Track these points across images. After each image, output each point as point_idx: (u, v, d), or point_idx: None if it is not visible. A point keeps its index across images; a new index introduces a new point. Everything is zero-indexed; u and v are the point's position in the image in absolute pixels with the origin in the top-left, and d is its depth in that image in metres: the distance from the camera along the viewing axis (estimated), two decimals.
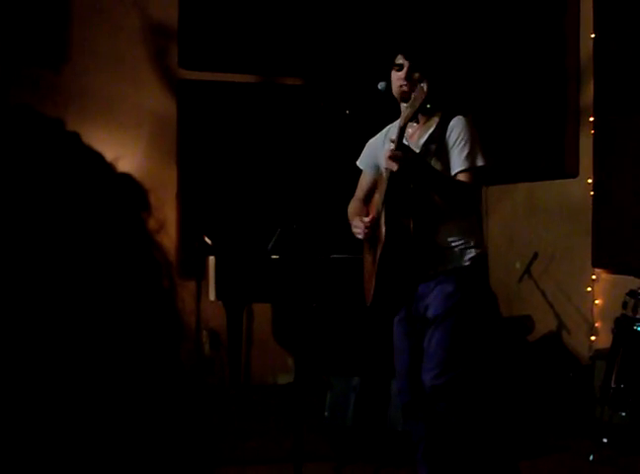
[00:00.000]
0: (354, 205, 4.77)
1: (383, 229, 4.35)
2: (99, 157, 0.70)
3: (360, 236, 4.55)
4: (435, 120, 4.47)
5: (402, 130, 4.30)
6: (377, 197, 4.52)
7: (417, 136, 4.50)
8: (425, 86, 4.32)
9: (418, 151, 4.42)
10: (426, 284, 4.43)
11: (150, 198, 0.72)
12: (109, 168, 0.70)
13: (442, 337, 4.36)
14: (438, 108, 4.49)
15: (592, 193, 6.87)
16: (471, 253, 4.41)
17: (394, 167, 4.21)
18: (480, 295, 4.50)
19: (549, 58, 7.30)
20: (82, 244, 0.63)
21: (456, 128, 4.38)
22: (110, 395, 0.63)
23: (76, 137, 0.69)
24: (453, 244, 4.41)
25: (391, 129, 4.64)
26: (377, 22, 8.26)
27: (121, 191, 0.69)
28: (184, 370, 0.70)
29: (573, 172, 7.16)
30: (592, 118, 6.89)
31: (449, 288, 4.37)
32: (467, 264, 4.40)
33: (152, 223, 0.71)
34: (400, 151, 4.22)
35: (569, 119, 7.17)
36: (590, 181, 6.91)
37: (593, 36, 6.88)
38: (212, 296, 6.66)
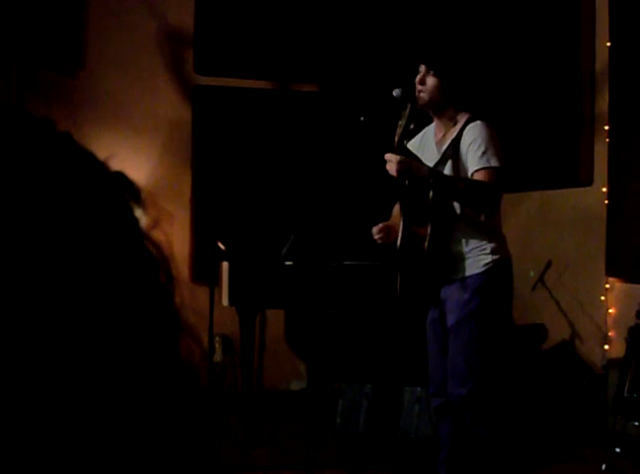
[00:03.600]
0: (396, 210, 4.74)
1: (399, 238, 4.38)
2: (90, 155, 0.70)
3: (380, 241, 4.55)
4: (458, 127, 4.48)
5: (400, 147, 4.33)
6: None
7: (442, 143, 4.52)
8: (409, 106, 4.36)
9: (439, 157, 4.46)
10: (446, 289, 4.45)
11: (143, 195, 0.72)
12: (101, 166, 0.70)
13: (461, 346, 4.37)
14: (462, 115, 4.50)
15: (606, 201, 6.85)
16: (487, 259, 4.41)
17: (393, 172, 4.25)
18: (496, 302, 4.48)
19: (564, 66, 7.29)
20: (73, 241, 0.64)
21: (470, 133, 4.39)
22: (108, 394, 0.63)
23: (67, 136, 0.70)
24: (470, 252, 4.41)
25: (427, 133, 4.66)
26: (393, 29, 8.26)
27: (114, 188, 0.70)
28: (185, 367, 0.70)
29: (587, 180, 7.14)
30: (606, 127, 6.87)
31: (465, 296, 4.38)
32: (482, 270, 4.40)
33: (147, 220, 0.72)
34: (397, 156, 4.25)
35: (584, 128, 7.16)
36: (604, 189, 6.89)
37: (608, 44, 6.87)
38: (226, 302, 6.66)
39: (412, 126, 4.43)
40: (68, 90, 7.83)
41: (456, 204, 4.42)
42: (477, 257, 4.42)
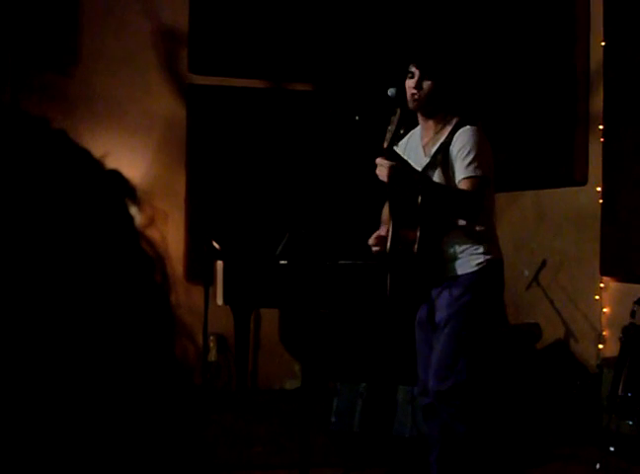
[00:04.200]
0: (385, 211, 4.76)
1: (388, 242, 4.38)
2: (86, 153, 0.70)
3: (376, 251, 4.57)
4: (447, 130, 4.49)
5: (389, 152, 4.32)
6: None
7: (430, 146, 4.53)
8: (399, 111, 4.36)
9: (429, 161, 4.46)
10: (435, 289, 4.47)
11: (138, 194, 0.72)
12: (96, 164, 0.70)
13: (445, 342, 4.39)
14: (451, 117, 4.51)
15: (600, 200, 6.86)
16: (479, 259, 4.44)
17: (384, 178, 4.25)
18: (486, 301, 4.50)
19: (559, 65, 7.29)
20: (68, 239, 0.64)
21: (460, 139, 4.40)
22: (102, 393, 0.63)
23: (62, 134, 0.69)
24: (463, 252, 4.43)
25: (412, 136, 4.66)
26: (387, 28, 8.26)
27: (110, 186, 0.69)
28: (180, 366, 0.70)
29: (582, 179, 7.15)
30: (601, 126, 6.88)
31: (454, 293, 4.40)
32: (474, 269, 4.42)
33: (142, 218, 0.71)
34: (388, 161, 4.25)
35: (578, 127, 7.17)
36: (599, 189, 6.90)
37: (603, 43, 6.88)
38: (220, 301, 6.66)
39: (402, 132, 4.43)
40: (62, 89, 7.81)
41: None
42: (470, 256, 4.44)
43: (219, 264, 6.67)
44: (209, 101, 8.22)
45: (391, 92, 4.51)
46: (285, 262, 6.46)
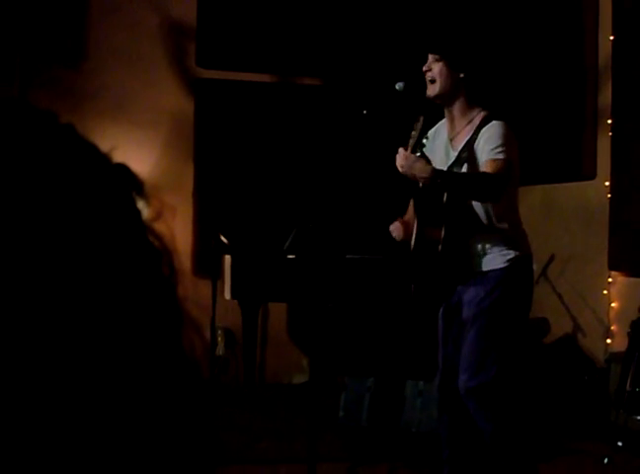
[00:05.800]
0: (411, 209, 4.73)
1: (413, 239, 4.36)
2: (93, 147, 0.70)
3: (396, 238, 4.54)
4: (473, 126, 4.44)
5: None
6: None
7: (456, 141, 4.47)
8: (422, 118, 4.33)
9: (456, 156, 4.41)
10: (462, 285, 4.42)
11: (146, 188, 0.72)
12: (104, 158, 0.70)
13: (475, 339, 4.34)
14: (478, 112, 4.46)
15: (609, 195, 6.85)
16: (509, 255, 4.36)
17: (397, 166, 4.25)
18: (516, 297, 4.43)
19: (567, 60, 7.28)
20: (76, 233, 0.64)
21: (488, 132, 4.34)
22: (111, 387, 0.63)
23: (70, 128, 0.70)
24: (493, 248, 4.37)
25: (438, 130, 4.61)
26: (396, 22, 8.25)
27: (117, 180, 0.70)
28: (188, 360, 0.70)
29: (590, 174, 7.14)
30: (609, 121, 6.87)
31: (483, 290, 4.33)
32: (505, 265, 4.35)
33: (150, 212, 0.72)
34: (404, 152, 4.25)
35: (587, 122, 7.15)
36: (607, 183, 6.89)
37: (611, 37, 6.86)
38: (228, 295, 6.66)
39: (425, 140, 4.38)
40: (71, 83, 7.82)
41: (476, 206, 4.38)
42: (500, 252, 4.36)
43: (227, 258, 6.67)
44: (217, 95, 8.22)
45: (399, 86, 4.50)
46: (293, 256, 6.46)
